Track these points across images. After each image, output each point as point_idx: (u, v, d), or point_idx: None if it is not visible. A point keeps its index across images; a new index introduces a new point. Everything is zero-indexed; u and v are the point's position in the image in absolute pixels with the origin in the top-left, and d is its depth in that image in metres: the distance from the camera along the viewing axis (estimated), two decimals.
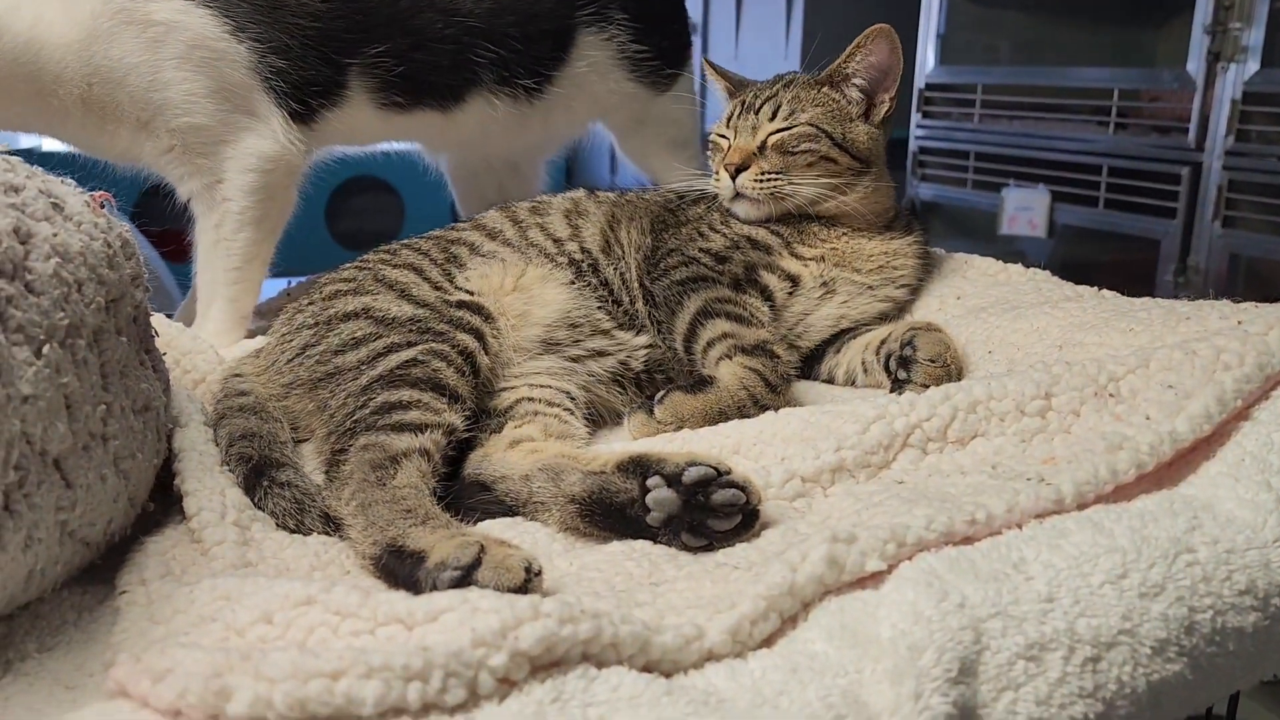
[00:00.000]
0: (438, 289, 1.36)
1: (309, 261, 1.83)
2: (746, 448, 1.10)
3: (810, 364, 1.50)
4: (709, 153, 1.62)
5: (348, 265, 1.48)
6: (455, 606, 0.72)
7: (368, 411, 1.15)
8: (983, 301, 1.49)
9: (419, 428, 1.11)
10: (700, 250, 1.49)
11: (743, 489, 0.94)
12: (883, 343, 1.40)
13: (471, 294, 1.36)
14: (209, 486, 1.06)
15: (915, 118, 3.45)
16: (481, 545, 0.87)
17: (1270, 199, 2.55)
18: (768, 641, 0.78)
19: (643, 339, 1.43)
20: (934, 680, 0.69)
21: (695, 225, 1.55)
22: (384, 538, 0.95)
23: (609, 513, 1.00)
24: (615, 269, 1.49)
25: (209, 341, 1.51)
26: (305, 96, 1.63)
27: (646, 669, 0.74)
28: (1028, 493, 0.87)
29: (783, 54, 4.17)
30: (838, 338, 1.49)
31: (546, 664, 0.71)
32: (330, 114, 1.69)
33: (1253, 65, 2.55)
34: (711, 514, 0.94)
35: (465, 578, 0.85)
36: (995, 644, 0.73)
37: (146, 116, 1.57)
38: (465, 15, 1.71)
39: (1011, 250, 3.45)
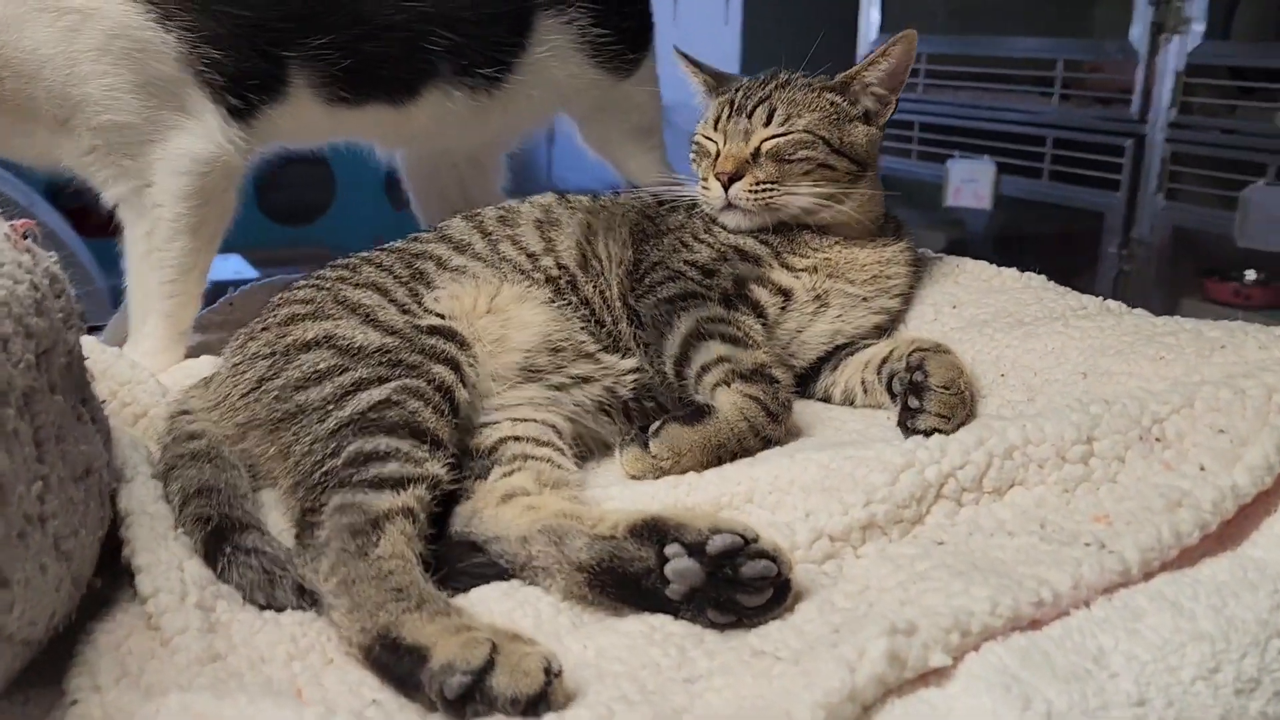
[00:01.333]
0: (406, 312, 1.24)
1: (240, 238, 1.68)
2: (761, 496, 1.01)
3: (804, 381, 1.41)
4: (693, 156, 1.51)
5: (303, 282, 1.35)
6: None
7: (339, 463, 1.03)
8: (981, 312, 1.42)
9: (400, 483, 1.00)
10: (685, 263, 1.39)
11: (774, 559, 0.85)
12: (884, 361, 1.32)
13: (442, 317, 1.24)
14: (164, 560, 0.94)
15: None
16: (493, 644, 0.77)
17: (1213, 171, 2.55)
18: None
19: (629, 362, 1.33)
20: None
21: (678, 234, 1.45)
22: (374, 625, 0.85)
23: (622, 583, 0.90)
24: (595, 286, 1.38)
25: (147, 368, 1.37)
26: (243, 91, 1.49)
27: None
28: (1090, 564, 0.79)
29: (724, 19, 4.06)
30: (834, 354, 1.41)
31: None
32: (271, 110, 1.54)
33: (1196, 37, 2.54)
34: (740, 588, 0.85)
35: (477, 682, 0.75)
36: None
37: (64, 114, 1.41)
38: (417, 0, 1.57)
39: (955, 221, 3.41)
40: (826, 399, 1.41)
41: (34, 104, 1.40)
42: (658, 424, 1.19)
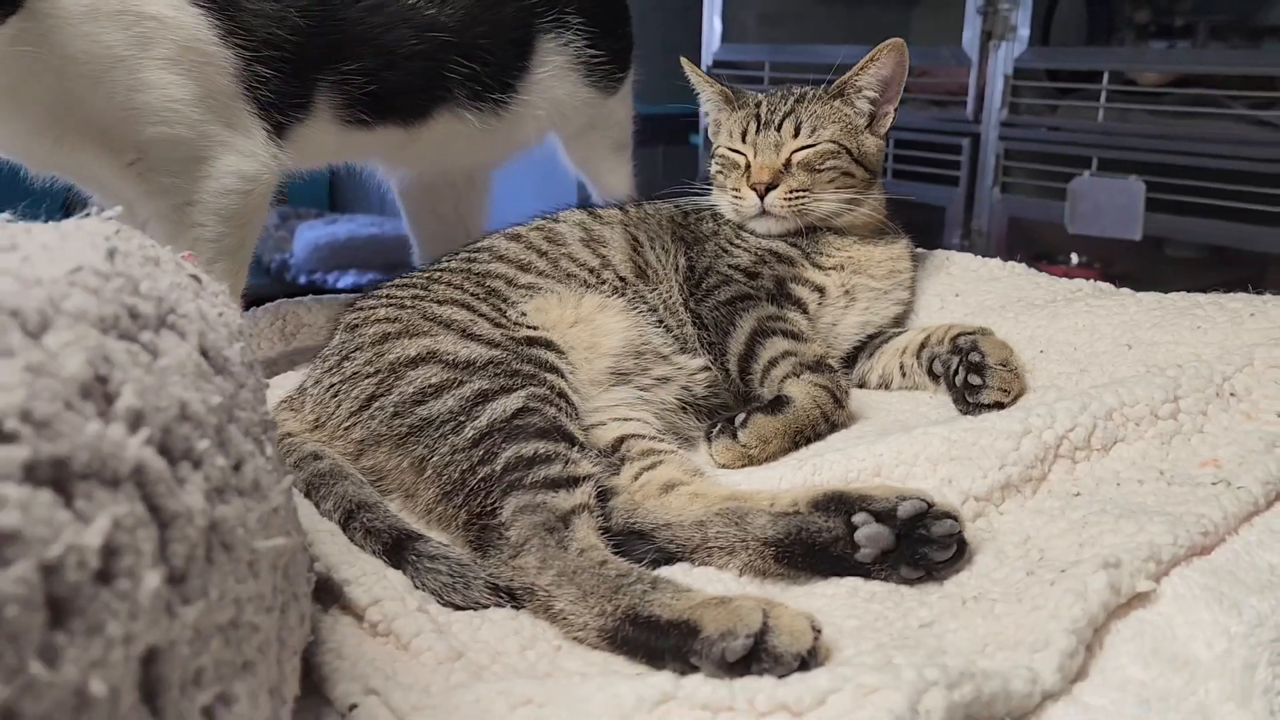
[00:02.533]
0: (499, 326, 1.29)
1: None
2: (888, 470, 1.12)
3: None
4: (718, 168, 1.61)
5: (372, 302, 1.37)
6: (839, 686, 0.71)
7: (497, 468, 1.08)
8: (986, 299, 1.58)
9: (571, 482, 1.06)
10: (730, 267, 1.50)
11: (955, 518, 0.97)
12: (921, 346, 1.46)
13: (535, 329, 1.30)
14: (369, 571, 0.97)
15: None
16: (762, 609, 0.85)
17: (1042, 165, 2.79)
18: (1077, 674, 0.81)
19: (699, 361, 1.42)
20: (1277, 694, 0.75)
21: (715, 241, 1.56)
22: (613, 607, 0.91)
23: (810, 552, 0.99)
24: (656, 293, 1.46)
25: None
26: (284, 109, 1.49)
27: None
28: (1228, 498, 0.95)
29: None
30: (866, 343, 1.54)
31: None
32: (296, 131, 1.55)
33: (1022, 43, 2.77)
34: (929, 545, 0.96)
35: (756, 645, 0.83)
36: None
37: (113, 121, 1.38)
38: (439, 30, 1.62)
39: None
40: (862, 384, 1.54)
41: (84, 106, 1.37)
42: (743, 415, 1.30)
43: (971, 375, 1.33)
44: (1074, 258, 3.19)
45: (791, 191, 1.51)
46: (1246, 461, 1.01)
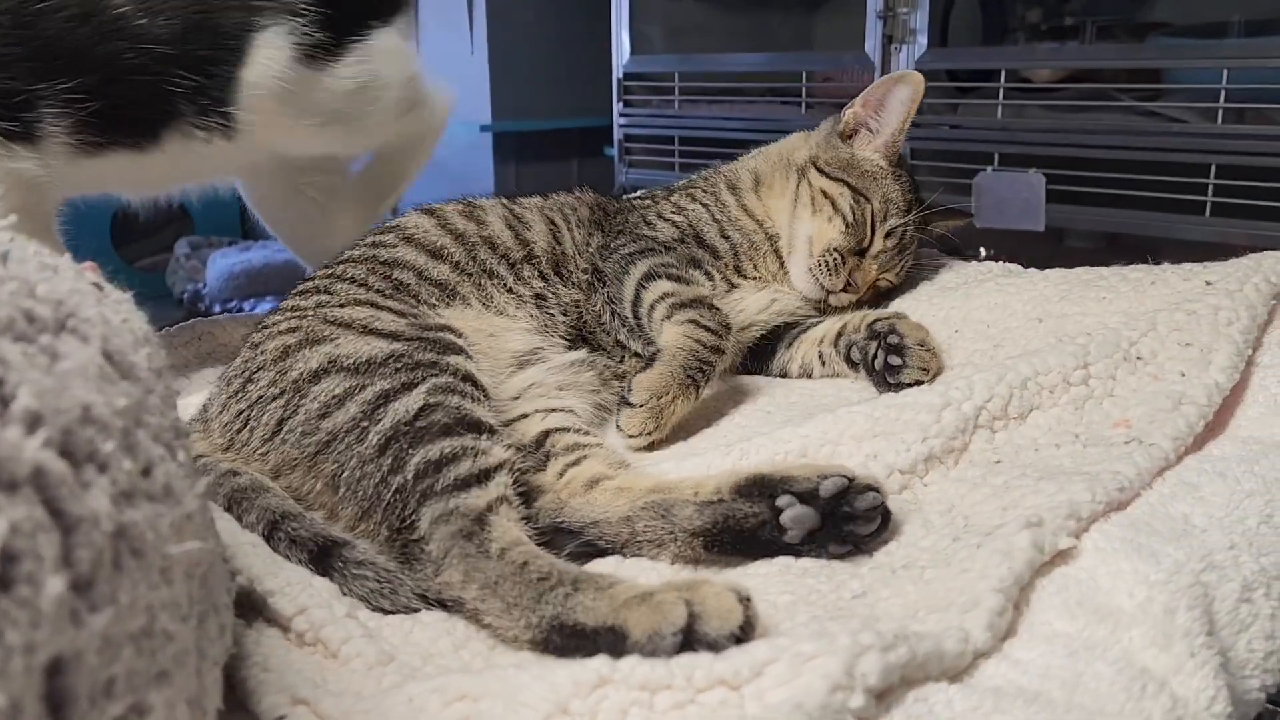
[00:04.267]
0: (403, 316, 1.25)
1: None
2: (814, 450, 1.13)
3: (762, 361, 1.55)
4: (849, 204, 1.57)
5: (277, 316, 1.32)
6: (776, 656, 0.70)
7: (408, 477, 1.03)
8: (901, 285, 1.61)
9: (482, 476, 1.02)
10: (645, 237, 1.52)
11: (877, 490, 0.97)
12: (839, 335, 1.48)
13: (445, 322, 1.28)
14: (294, 581, 0.94)
15: (617, 106, 3.51)
16: (685, 599, 0.83)
17: (945, 163, 2.87)
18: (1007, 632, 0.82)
19: (581, 353, 1.43)
20: (1197, 636, 0.77)
21: (642, 213, 1.58)
22: (538, 619, 0.88)
23: (739, 538, 0.99)
24: (567, 289, 1.46)
25: None
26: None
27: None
28: (1141, 455, 0.97)
29: (469, 49, 4.10)
30: (784, 333, 1.55)
31: (881, 695, 0.71)
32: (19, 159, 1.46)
33: (921, 46, 2.83)
34: (854, 520, 0.96)
35: (688, 637, 0.82)
36: (1217, 593, 0.82)
37: None
38: (154, 41, 1.51)
39: None
40: (784, 374, 1.55)
41: None
42: (629, 382, 1.32)
43: (891, 356, 1.35)
44: (982, 251, 3.26)
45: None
46: (1156, 420, 1.04)
